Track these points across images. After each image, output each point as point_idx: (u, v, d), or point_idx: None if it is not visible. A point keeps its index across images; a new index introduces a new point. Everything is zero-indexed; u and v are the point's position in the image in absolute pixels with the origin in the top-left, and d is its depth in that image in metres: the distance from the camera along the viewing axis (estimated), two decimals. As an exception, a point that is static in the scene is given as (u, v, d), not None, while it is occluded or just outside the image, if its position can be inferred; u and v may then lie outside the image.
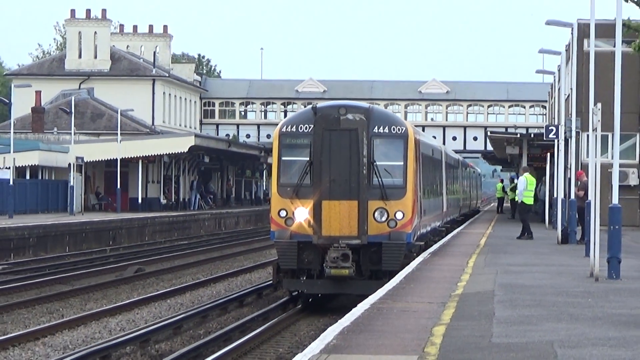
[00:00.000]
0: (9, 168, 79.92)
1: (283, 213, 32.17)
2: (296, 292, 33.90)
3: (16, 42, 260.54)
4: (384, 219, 32.05)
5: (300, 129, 32.49)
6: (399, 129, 32.78)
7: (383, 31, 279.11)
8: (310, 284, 32.58)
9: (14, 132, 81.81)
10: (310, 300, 33.79)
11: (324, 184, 31.73)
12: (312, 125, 32.15)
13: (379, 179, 32.06)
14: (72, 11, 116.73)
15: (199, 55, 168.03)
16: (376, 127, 32.36)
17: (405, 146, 32.93)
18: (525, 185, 48.15)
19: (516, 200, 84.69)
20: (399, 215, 32.16)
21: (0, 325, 31.72)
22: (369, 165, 31.93)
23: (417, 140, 35.12)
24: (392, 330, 19.71)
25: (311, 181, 31.99)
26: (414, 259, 34.19)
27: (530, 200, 48.67)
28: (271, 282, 37.12)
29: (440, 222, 49.37)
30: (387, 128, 32.54)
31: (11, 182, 77.21)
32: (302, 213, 31.95)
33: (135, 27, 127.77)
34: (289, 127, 32.73)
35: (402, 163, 32.89)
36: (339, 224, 31.74)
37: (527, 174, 49.21)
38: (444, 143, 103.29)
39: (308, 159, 32.18)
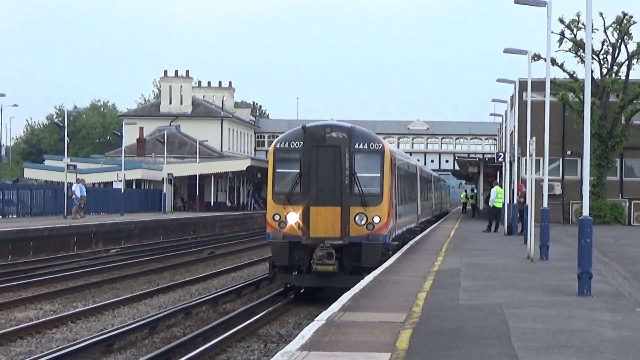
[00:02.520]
0: (121, 181, 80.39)
1: (277, 217, 27.66)
2: (289, 285, 29.01)
3: (126, 93, 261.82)
4: (363, 222, 27.47)
5: (292, 145, 27.95)
6: (376, 146, 28.21)
7: (384, 83, 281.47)
8: (300, 278, 28.00)
9: (124, 156, 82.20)
10: (301, 291, 29.14)
11: (312, 192, 27.45)
12: (302, 142, 27.78)
13: (359, 188, 27.53)
14: (165, 71, 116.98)
15: (254, 102, 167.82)
16: (357, 144, 27.84)
17: (382, 160, 28.22)
18: (496, 195, 48.25)
19: (475, 205, 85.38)
20: (377, 219, 27.58)
21: (115, 291, 31.81)
22: (350, 176, 27.53)
23: (393, 156, 30.34)
24: (389, 295, 19.73)
25: (301, 190, 27.56)
26: (390, 257, 29.65)
27: (499, 205, 48.61)
28: None
29: (415, 223, 44.51)
30: (366, 145, 28.01)
31: (122, 191, 77.59)
32: (293, 217, 27.49)
33: (209, 83, 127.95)
34: (283, 143, 28.14)
35: (379, 175, 28.13)
36: (325, 226, 27.44)
37: (497, 187, 49.35)
38: (425, 164, 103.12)
39: (298, 170, 27.68)
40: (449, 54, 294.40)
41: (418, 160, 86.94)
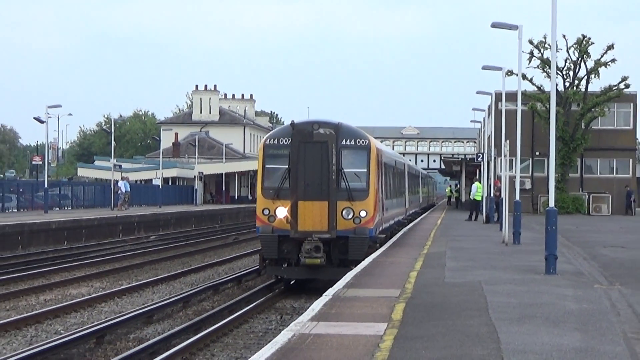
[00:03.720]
0: (159, 178, 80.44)
1: (266, 211, 24.24)
2: (279, 277, 25.63)
3: (164, 104, 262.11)
4: (350, 216, 24.01)
5: (281, 141, 24.52)
6: (363, 142, 24.63)
7: (382, 94, 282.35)
8: (289, 271, 24.63)
9: (162, 157, 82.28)
10: (291, 282, 25.83)
11: (300, 187, 24.03)
12: (290, 139, 24.33)
13: (346, 183, 24.08)
14: (196, 85, 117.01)
15: (271, 111, 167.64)
16: (344, 140, 24.33)
17: (368, 156, 24.67)
18: (476, 189, 48.47)
19: (458, 197, 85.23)
20: (363, 214, 24.07)
21: (154, 271, 31.81)
22: (337, 171, 24.10)
23: (379, 152, 26.43)
24: (385, 274, 19.71)
25: (289, 185, 24.12)
26: (377, 249, 26.65)
27: (479, 198, 48.80)
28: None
29: (403, 216, 40.24)
30: (353, 141, 24.48)
31: (160, 187, 77.66)
32: (282, 211, 24.07)
33: (233, 95, 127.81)
34: (272, 140, 24.77)
35: (365, 170, 24.56)
36: (312, 220, 24.01)
37: (477, 182, 49.72)
38: (416, 163, 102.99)
39: (287, 166, 24.27)
40: (436, 69, 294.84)
41: (410, 160, 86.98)
